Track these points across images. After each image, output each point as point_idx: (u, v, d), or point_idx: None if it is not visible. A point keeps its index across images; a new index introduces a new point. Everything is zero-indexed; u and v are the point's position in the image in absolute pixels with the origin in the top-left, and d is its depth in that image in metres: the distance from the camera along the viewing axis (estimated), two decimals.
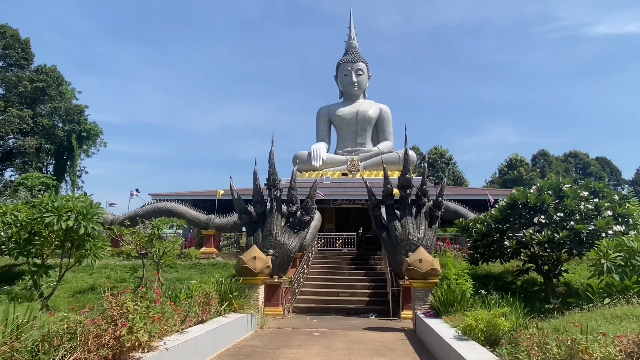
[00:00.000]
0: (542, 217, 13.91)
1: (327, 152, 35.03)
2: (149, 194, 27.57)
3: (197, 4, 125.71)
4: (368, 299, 16.00)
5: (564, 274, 15.25)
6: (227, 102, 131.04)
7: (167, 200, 23.55)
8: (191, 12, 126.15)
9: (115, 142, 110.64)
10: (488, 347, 6.87)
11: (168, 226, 16.75)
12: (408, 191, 14.47)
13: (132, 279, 17.55)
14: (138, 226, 17.91)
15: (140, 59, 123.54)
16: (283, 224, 15.19)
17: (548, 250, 13.51)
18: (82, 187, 53.66)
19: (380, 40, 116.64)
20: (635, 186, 68.39)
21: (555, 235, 13.38)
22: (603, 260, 9.94)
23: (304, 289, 16.78)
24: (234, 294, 10.91)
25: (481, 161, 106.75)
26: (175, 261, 19.97)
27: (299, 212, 15.13)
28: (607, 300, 8.82)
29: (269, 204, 15.05)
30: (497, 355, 6.06)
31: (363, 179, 16.06)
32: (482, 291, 10.83)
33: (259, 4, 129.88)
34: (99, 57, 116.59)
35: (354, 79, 35.98)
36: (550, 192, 14.72)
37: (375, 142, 36.15)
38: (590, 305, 9.39)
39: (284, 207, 15.55)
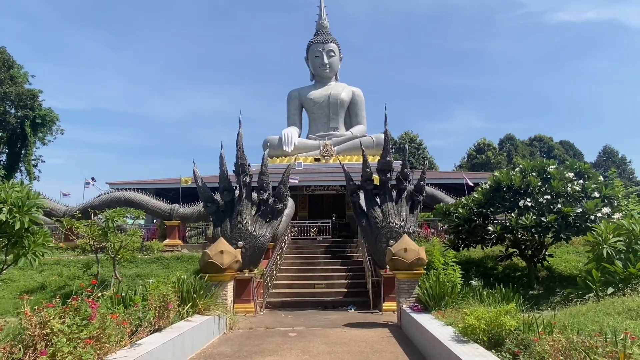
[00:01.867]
0: (528, 200, 13.21)
1: (299, 136, 33.70)
2: (107, 183, 25.58)
3: None
4: (346, 290, 15.03)
5: (549, 259, 14.71)
6: (193, 88, 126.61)
7: (126, 190, 21.75)
8: None
9: (76, 131, 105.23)
10: (493, 350, 5.93)
11: (125, 217, 15.16)
12: (388, 175, 13.45)
13: (86, 276, 15.93)
14: (95, 218, 16.27)
15: (102, 43, 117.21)
16: (254, 213, 13.93)
17: (535, 235, 12.84)
18: (38, 177, 50.42)
19: (349, 27, 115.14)
20: (597, 169, 70.62)
21: (542, 219, 12.72)
22: (603, 245, 9.21)
23: (277, 282, 15.64)
24: (199, 293, 9.64)
25: (449, 146, 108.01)
26: (136, 255, 18.42)
27: (271, 200, 13.89)
28: (610, 290, 8.09)
29: (237, 192, 13.72)
30: None
31: (340, 163, 14.91)
32: (473, 281, 9.99)
33: None
34: (57, 41, 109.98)
35: (326, 60, 34.60)
36: (534, 174, 14.06)
37: (348, 126, 35.06)
38: (591, 295, 8.69)
39: (254, 195, 14.26)
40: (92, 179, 24.72)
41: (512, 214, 13.69)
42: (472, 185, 20.87)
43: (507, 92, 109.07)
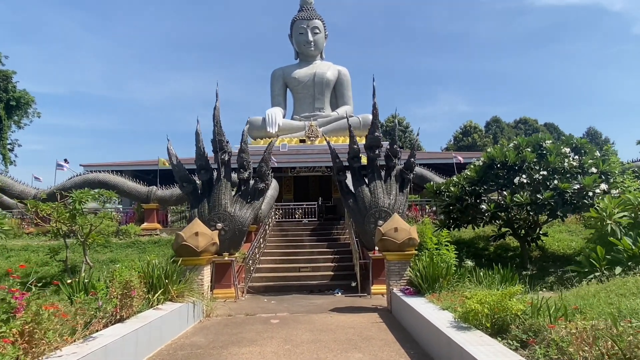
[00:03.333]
0: (524, 176, 12.57)
1: (284, 117, 32.62)
2: (80, 165, 24.28)
3: None
4: (333, 273, 14.33)
5: (543, 238, 14.18)
6: (174, 71, 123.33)
7: (101, 172, 20.57)
8: None
9: (55, 115, 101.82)
10: (498, 338, 5.24)
11: (95, 199, 14.13)
12: (377, 152, 12.65)
13: (54, 262, 14.91)
14: (65, 200, 15.20)
15: (79, 25, 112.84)
16: (233, 193, 13.04)
17: (531, 213, 12.24)
18: (14, 161, 48.52)
19: (334, 9, 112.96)
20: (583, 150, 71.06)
21: (538, 195, 12.10)
22: (607, 221, 8.57)
23: (260, 266, 14.85)
24: (171, 278, 8.78)
25: (434, 130, 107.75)
26: (110, 240, 17.42)
27: (251, 179, 13.00)
28: (618, 270, 7.45)
29: (216, 171, 12.79)
30: (525, 357, 4.38)
31: (326, 140, 14.05)
32: (469, 261, 9.32)
33: None
34: (33, 23, 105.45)
35: (310, 37, 33.37)
36: (529, 149, 13.40)
37: (334, 106, 34.09)
38: (595, 275, 8.07)
39: (234, 176, 13.34)
40: (65, 160, 23.39)
41: (506, 192, 13.09)
42: (463, 163, 20.23)
43: (492, 75, 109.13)
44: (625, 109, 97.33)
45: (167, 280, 8.58)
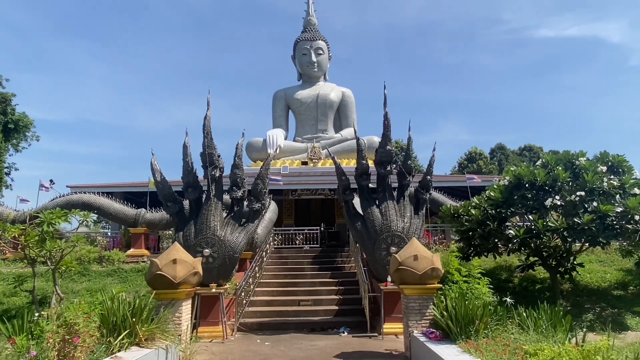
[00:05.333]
0: (557, 197, 10.97)
1: (285, 139, 31.32)
2: (67, 186, 22.79)
3: None
4: (337, 308, 12.55)
5: (578, 269, 12.43)
6: (179, 100, 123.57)
7: (85, 192, 19.05)
8: (139, 7, 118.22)
9: (60, 142, 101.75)
10: None
11: (65, 220, 12.55)
12: (389, 168, 11.11)
13: (22, 293, 13.19)
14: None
15: (86, 54, 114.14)
16: (225, 214, 11.47)
17: (569, 239, 10.59)
18: (10, 185, 47.20)
19: (336, 40, 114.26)
20: None
21: (576, 220, 10.47)
22: None
23: (255, 298, 13.10)
24: (140, 317, 7.11)
25: (437, 158, 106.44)
26: (90, 267, 15.80)
27: (246, 200, 11.45)
28: None
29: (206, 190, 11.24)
30: None
31: (331, 156, 12.53)
32: (507, 299, 7.62)
33: (210, 1, 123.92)
34: (41, 52, 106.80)
35: (314, 58, 32.42)
36: (560, 167, 11.86)
37: (338, 128, 32.81)
38: None
39: (227, 197, 11.78)
40: (51, 181, 21.96)
41: (532, 215, 11.50)
42: (478, 185, 18.67)
43: (492, 105, 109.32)
44: (629, 138, 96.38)
45: (134, 319, 6.92)
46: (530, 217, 12.08)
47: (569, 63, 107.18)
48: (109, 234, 22.98)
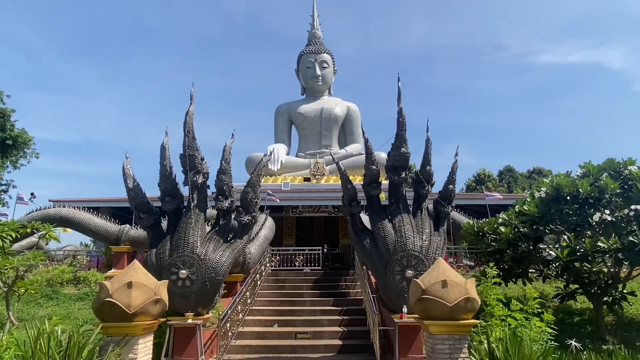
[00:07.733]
0: (607, 212, 9.11)
1: (287, 154, 29.72)
2: (49, 200, 21.14)
3: (154, 23, 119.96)
4: (340, 343, 10.55)
5: (629, 298, 10.43)
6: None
7: (64, 206, 17.34)
8: (148, 31, 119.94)
9: (69, 162, 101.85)
10: None
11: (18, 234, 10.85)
12: (403, 174, 9.31)
13: None
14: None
15: (95, 76, 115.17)
16: (209, 229, 9.68)
17: (625, 262, 8.68)
18: (7, 202, 45.73)
19: (340, 66, 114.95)
20: None
21: (632, 239, 8.58)
22: None
23: (244, 329, 11.15)
24: (81, 357, 5.27)
25: (441, 180, 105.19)
26: (61, 290, 14.00)
27: (234, 211, 9.68)
28: None
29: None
30: None
31: (336, 162, 10.73)
32: (573, 342, 5.71)
33: (218, 25, 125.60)
34: (51, 74, 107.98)
35: (318, 71, 31.11)
36: (605, 177, 10.03)
37: (342, 144, 31.23)
38: None
39: (211, 211, 9.99)
40: (32, 194, 20.38)
41: (568, 234, 9.64)
42: (501, 203, 16.80)
43: (496, 129, 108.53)
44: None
45: None
46: (565, 236, 10.21)
47: (572, 88, 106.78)
48: (93, 252, 21.16)
